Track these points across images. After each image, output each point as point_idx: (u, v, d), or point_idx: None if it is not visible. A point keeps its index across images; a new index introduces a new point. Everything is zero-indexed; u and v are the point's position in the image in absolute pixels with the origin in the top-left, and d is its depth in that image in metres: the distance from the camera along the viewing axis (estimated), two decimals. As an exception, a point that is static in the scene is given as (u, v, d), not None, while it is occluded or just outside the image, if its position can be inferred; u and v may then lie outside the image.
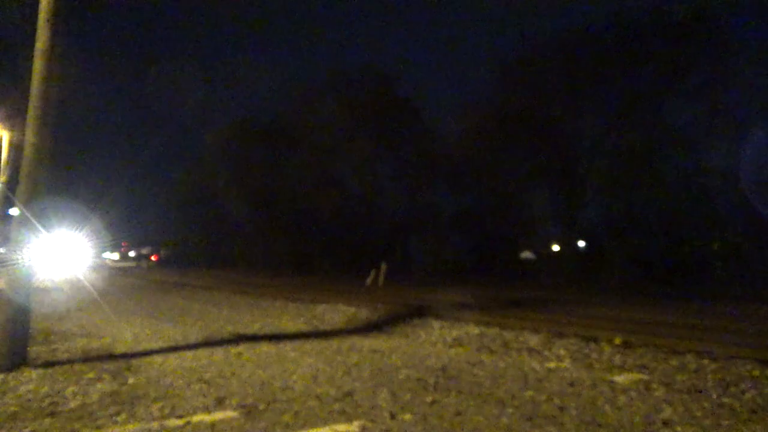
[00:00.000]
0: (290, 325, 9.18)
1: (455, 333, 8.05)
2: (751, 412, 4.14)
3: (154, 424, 3.72)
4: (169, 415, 3.93)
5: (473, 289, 19.54)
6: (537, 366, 5.80)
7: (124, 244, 70.61)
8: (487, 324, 8.88)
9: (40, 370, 5.30)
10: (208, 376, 5.15)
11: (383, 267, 22.59)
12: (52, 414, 3.95)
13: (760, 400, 4.48)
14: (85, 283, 20.24)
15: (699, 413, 4.05)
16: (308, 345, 7.01)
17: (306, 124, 39.33)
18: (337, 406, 4.16)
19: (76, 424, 3.72)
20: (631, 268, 27.68)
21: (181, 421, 3.78)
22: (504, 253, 35.66)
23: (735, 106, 25.84)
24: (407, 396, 4.49)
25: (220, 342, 7.23)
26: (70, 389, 4.63)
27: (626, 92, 27.86)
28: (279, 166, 40.72)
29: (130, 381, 4.98)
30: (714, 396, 4.58)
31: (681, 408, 4.18)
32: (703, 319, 10.70)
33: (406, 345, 7.19)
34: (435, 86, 72.34)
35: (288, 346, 6.88)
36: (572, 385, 4.94)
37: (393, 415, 3.95)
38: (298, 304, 12.53)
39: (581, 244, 33.15)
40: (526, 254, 39.82)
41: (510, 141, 30.83)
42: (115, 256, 72.78)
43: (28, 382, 4.84)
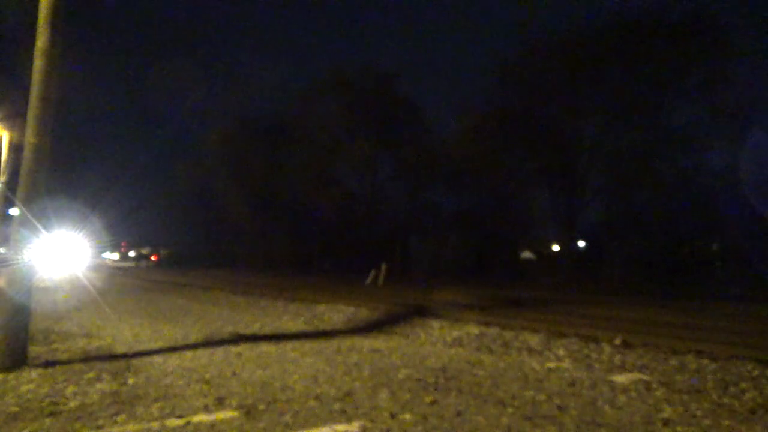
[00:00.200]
0: (290, 325, 9.18)
1: (455, 333, 8.05)
2: (751, 412, 4.14)
3: (154, 424, 3.72)
4: (169, 415, 3.93)
5: (473, 289, 19.55)
6: (537, 366, 5.80)
7: (124, 244, 70.66)
8: (487, 324, 8.88)
9: (40, 370, 5.29)
10: (208, 376, 5.15)
11: (383, 267, 22.61)
12: (52, 414, 3.94)
13: (760, 400, 4.48)
14: (85, 283, 20.25)
15: (699, 413, 4.05)
16: (308, 345, 7.01)
17: (306, 124, 39.38)
18: (337, 406, 4.16)
19: (76, 424, 3.72)
20: (631, 268, 27.72)
21: (181, 421, 3.78)
22: (504, 253, 35.70)
23: (735, 106, 25.85)
24: (407, 396, 4.49)
25: (220, 342, 7.22)
26: (70, 389, 4.63)
27: (626, 92, 27.86)
28: (279, 166, 40.73)
29: (130, 381, 4.98)
30: (714, 396, 4.58)
31: (681, 408, 4.18)
32: (703, 319, 10.70)
33: (406, 345, 7.19)
34: (435, 86, 72.41)
35: (288, 346, 6.88)
36: (572, 385, 4.94)
37: (393, 415, 3.95)
38: (298, 304, 12.53)
39: (581, 244, 33.18)
40: (526, 254, 39.85)
41: (510, 141, 30.85)
42: (115, 256, 72.85)
43: (28, 382, 4.84)
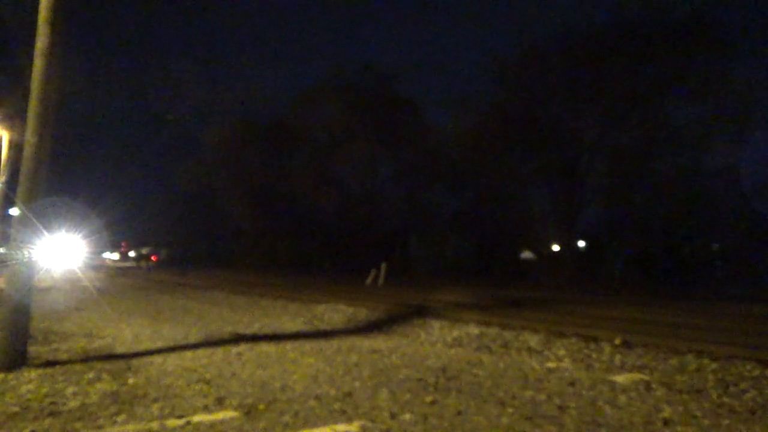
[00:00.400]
0: (290, 325, 9.18)
1: (455, 333, 8.05)
2: (751, 412, 4.14)
3: (154, 424, 3.72)
4: (169, 415, 3.93)
5: (473, 289, 19.55)
6: (537, 366, 5.80)
7: (124, 244, 70.58)
8: (487, 324, 8.88)
9: (40, 370, 5.29)
10: (208, 376, 5.15)
11: (383, 267, 22.60)
12: (52, 414, 3.94)
13: (760, 400, 4.48)
14: (85, 283, 20.25)
15: (699, 413, 4.05)
16: (308, 345, 7.01)
17: (306, 124, 39.35)
18: (337, 406, 4.16)
19: (76, 424, 3.72)
20: (631, 267, 27.71)
21: (181, 421, 3.78)
22: (504, 253, 35.67)
23: (735, 106, 25.84)
24: (407, 396, 4.49)
25: (220, 342, 7.23)
26: (70, 389, 4.63)
27: (626, 92, 27.84)
28: (279, 166, 40.71)
29: (130, 381, 4.98)
30: (714, 396, 4.58)
31: (681, 408, 4.18)
32: (703, 319, 10.70)
33: (406, 345, 7.19)
34: (435, 86, 72.34)
35: (288, 346, 6.88)
36: (572, 385, 4.94)
37: (393, 415, 3.95)
38: (298, 304, 12.52)
39: (581, 244, 33.17)
40: (526, 254, 39.83)
41: (510, 141, 30.83)
42: (115, 256, 72.79)
43: (28, 382, 4.84)
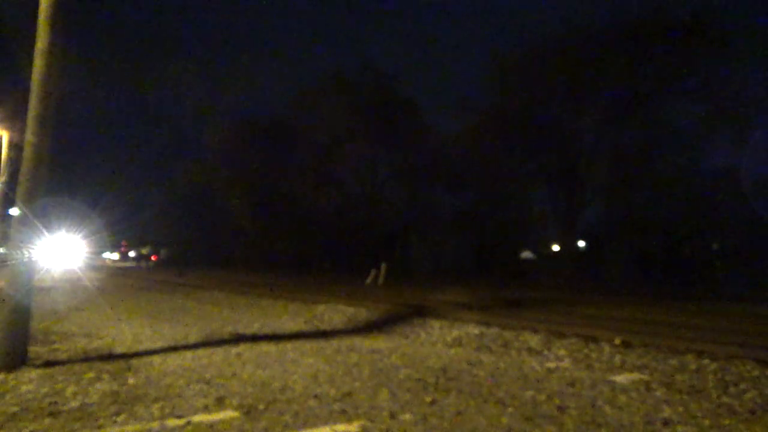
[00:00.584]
0: (290, 325, 9.18)
1: (455, 333, 8.05)
2: (751, 412, 4.14)
3: (154, 424, 3.72)
4: (169, 415, 3.93)
5: (473, 289, 19.56)
6: (537, 366, 5.80)
7: (124, 244, 70.56)
8: (487, 324, 8.88)
9: (40, 370, 5.29)
10: (208, 376, 5.15)
11: (383, 267, 22.61)
12: (52, 414, 3.94)
13: (760, 400, 4.47)
14: (85, 283, 20.25)
15: (699, 413, 4.05)
16: (308, 345, 7.01)
17: (306, 124, 39.38)
18: (337, 406, 4.16)
19: (76, 424, 3.72)
20: (632, 267, 27.73)
21: (181, 421, 3.78)
22: (504, 253, 35.67)
23: (735, 106, 25.85)
24: (407, 396, 4.49)
25: (220, 342, 7.23)
26: (70, 389, 4.63)
27: (626, 92, 27.86)
28: (279, 166, 40.73)
29: (130, 381, 4.98)
30: (714, 396, 4.58)
31: (681, 408, 4.18)
32: (703, 319, 10.70)
33: (406, 345, 7.19)
34: (435, 86, 72.29)
35: (288, 346, 6.88)
36: (572, 385, 4.94)
37: (393, 415, 3.95)
38: (298, 304, 12.52)
39: (581, 244, 33.18)
40: (526, 254, 39.84)
41: (510, 141, 30.86)
42: (115, 256, 72.79)
43: (28, 382, 4.84)
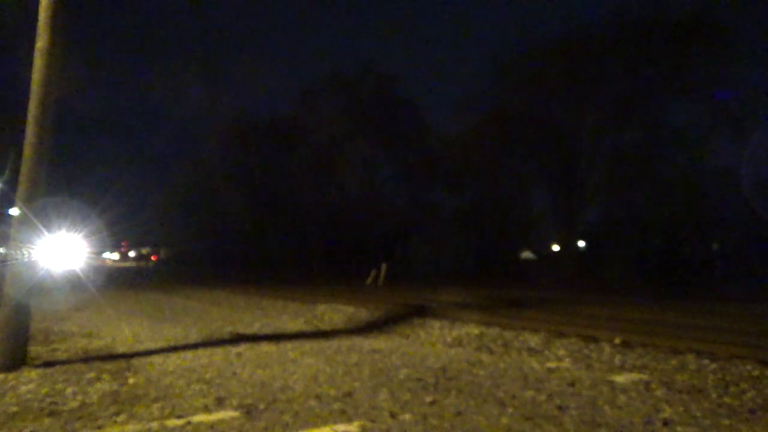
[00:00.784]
0: (290, 325, 9.18)
1: (455, 333, 8.05)
2: (751, 412, 4.14)
3: (154, 424, 3.72)
4: (169, 415, 3.93)
5: (473, 289, 19.55)
6: (537, 366, 5.80)
7: (124, 244, 70.59)
8: (487, 324, 8.88)
9: (40, 370, 5.30)
10: (208, 376, 5.15)
11: (383, 267, 22.60)
12: (52, 414, 3.94)
13: (760, 400, 4.47)
14: (86, 283, 20.25)
15: (699, 413, 4.05)
16: (308, 345, 7.01)
17: (306, 124, 39.36)
18: (337, 406, 4.16)
19: (76, 424, 3.72)
20: (631, 268, 27.71)
21: (181, 421, 3.78)
22: (504, 253, 35.67)
23: (735, 106, 25.87)
24: (407, 396, 4.49)
25: (220, 342, 7.23)
26: (70, 389, 4.63)
27: (626, 92, 27.86)
28: (279, 166, 40.71)
29: (130, 381, 4.98)
30: (714, 396, 4.58)
31: (681, 408, 4.18)
32: (703, 319, 10.69)
33: (406, 345, 7.19)
34: (435, 86, 72.35)
35: (288, 346, 6.88)
36: (572, 385, 4.94)
37: (393, 415, 3.95)
38: (298, 304, 12.53)
39: (581, 244, 33.18)
40: (526, 254, 39.84)
41: (510, 141, 30.86)
42: (115, 256, 72.83)
43: (28, 382, 4.84)
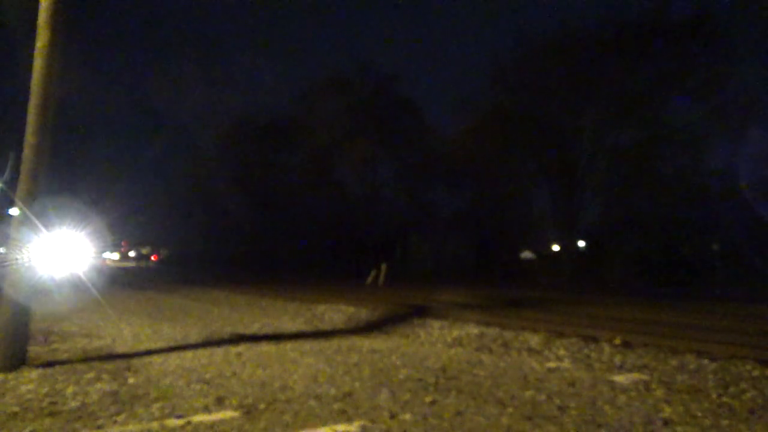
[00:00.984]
0: (290, 325, 9.18)
1: (455, 333, 8.05)
2: (751, 412, 4.14)
3: (154, 424, 3.72)
4: (169, 415, 3.93)
5: (473, 289, 19.55)
6: (537, 366, 5.80)
7: (124, 244, 70.57)
8: (487, 324, 8.88)
9: (40, 370, 5.29)
10: (208, 376, 5.15)
11: (383, 267, 22.61)
12: (52, 414, 3.94)
13: (760, 400, 4.47)
14: (86, 283, 20.25)
15: (699, 413, 4.05)
16: (308, 345, 7.01)
17: (306, 124, 39.39)
18: (337, 406, 4.16)
19: (76, 424, 3.72)
20: (631, 268, 27.70)
21: (181, 421, 3.78)
22: (504, 253, 35.67)
23: (735, 106, 25.87)
24: (407, 396, 4.49)
25: (220, 342, 7.23)
26: (70, 389, 4.63)
27: (626, 92, 27.86)
28: (279, 166, 40.74)
29: (130, 381, 4.98)
30: (714, 396, 4.58)
31: (681, 408, 4.18)
32: (703, 319, 10.70)
33: (406, 345, 7.19)
34: (435, 86, 72.33)
35: (288, 346, 6.88)
36: (572, 385, 4.94)
37: (393, 415, 3.95)
38: (298, 304, 12.53)
39: (581, 244, 33.17)
40: (526, 254, 39.84)
41: (510, 141, 30.86)
42: (115, 256, 72.80)
43: (28, 382, 4.84)
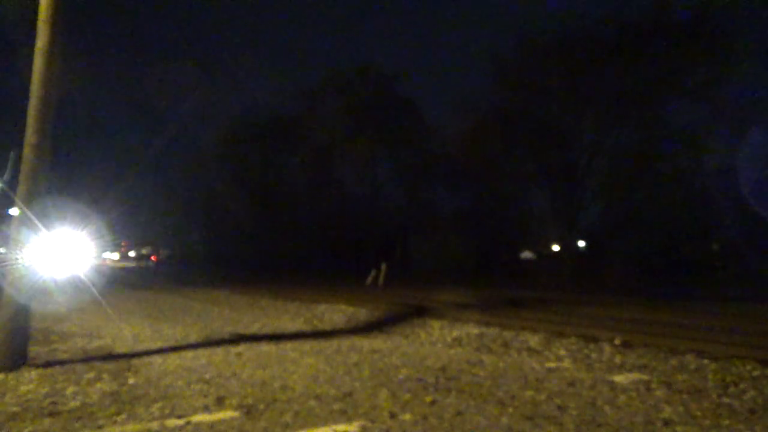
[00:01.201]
0: (290, 325, 9.18)
1: (455, 333, 8.05)
2: (751, 412, 4.14)
3: (154, 424, 3.72)
4: (169, 415, 3.93)
5: (473, 289, 19.54)
6: (537, 366, 5.80)
7: (124, 244, 70.51)
8: (487, 324, 8.88)
9: (40, 370, 5.29)
10: (208, 376, 5.15)
11: (383, 267, 22.60)
12: (52, 414, 3.94)
13: (760, 400, 4.47)
14: (86, 283, 20.24)
15: (699, 413, 4.05)
16: (308, 345, 7.01)
17: (306, 124, 39.38)
18: (337, 406, 4.16)
19: (76, 424, 3.72)
20: (631, 268, 27.71)
21: (181, 421, 3.78)
22: (504, 253, 35.69)
23: (735, 106, 25.88)
24: (407, 396, 4.49)
25: (220, 342, 7.23)
26: (70, 389, 4.63)
27: (626, 92, 27.86)
28: (279, 166, 40.73)
29: (130, 381, 4.98)
30: (714, 396, 4.58)
31: (681, 408, 4.18)
32: (703, 319, 10.69)
33: (406, 345, 7.19)
34: (435, 86, 72.35)
35: (288, 346, 6.88)
36: (572, 385, 4.94)
37: (393, 415, 3.95)
38: (298, 304, 12.53)
39: (581, 244, 33.18)
40: (526, 254, 39.86)
41: (510, 141, 30.86)
42: (115, 256, 72.77)
43: (28, 382, 4.84)
